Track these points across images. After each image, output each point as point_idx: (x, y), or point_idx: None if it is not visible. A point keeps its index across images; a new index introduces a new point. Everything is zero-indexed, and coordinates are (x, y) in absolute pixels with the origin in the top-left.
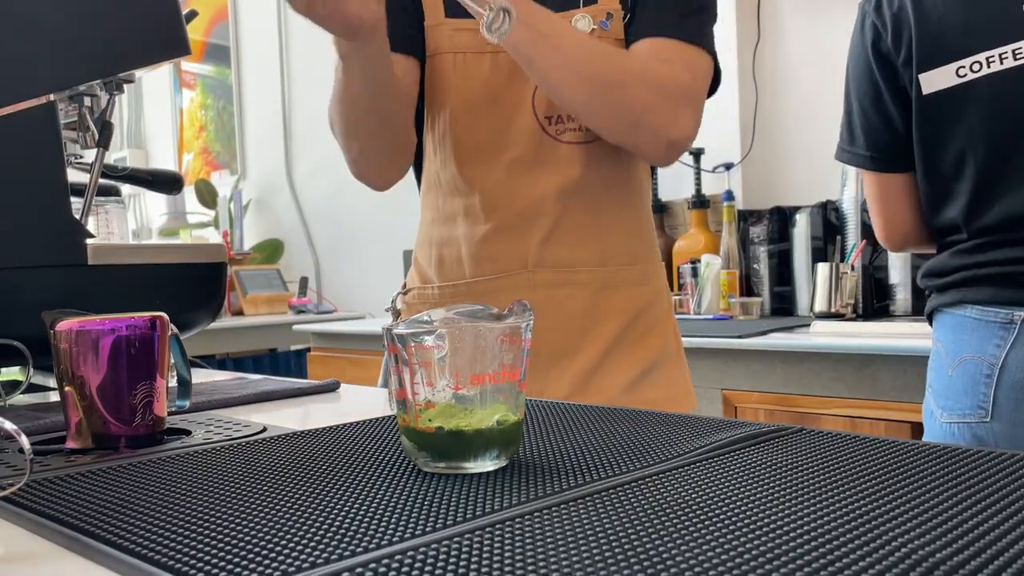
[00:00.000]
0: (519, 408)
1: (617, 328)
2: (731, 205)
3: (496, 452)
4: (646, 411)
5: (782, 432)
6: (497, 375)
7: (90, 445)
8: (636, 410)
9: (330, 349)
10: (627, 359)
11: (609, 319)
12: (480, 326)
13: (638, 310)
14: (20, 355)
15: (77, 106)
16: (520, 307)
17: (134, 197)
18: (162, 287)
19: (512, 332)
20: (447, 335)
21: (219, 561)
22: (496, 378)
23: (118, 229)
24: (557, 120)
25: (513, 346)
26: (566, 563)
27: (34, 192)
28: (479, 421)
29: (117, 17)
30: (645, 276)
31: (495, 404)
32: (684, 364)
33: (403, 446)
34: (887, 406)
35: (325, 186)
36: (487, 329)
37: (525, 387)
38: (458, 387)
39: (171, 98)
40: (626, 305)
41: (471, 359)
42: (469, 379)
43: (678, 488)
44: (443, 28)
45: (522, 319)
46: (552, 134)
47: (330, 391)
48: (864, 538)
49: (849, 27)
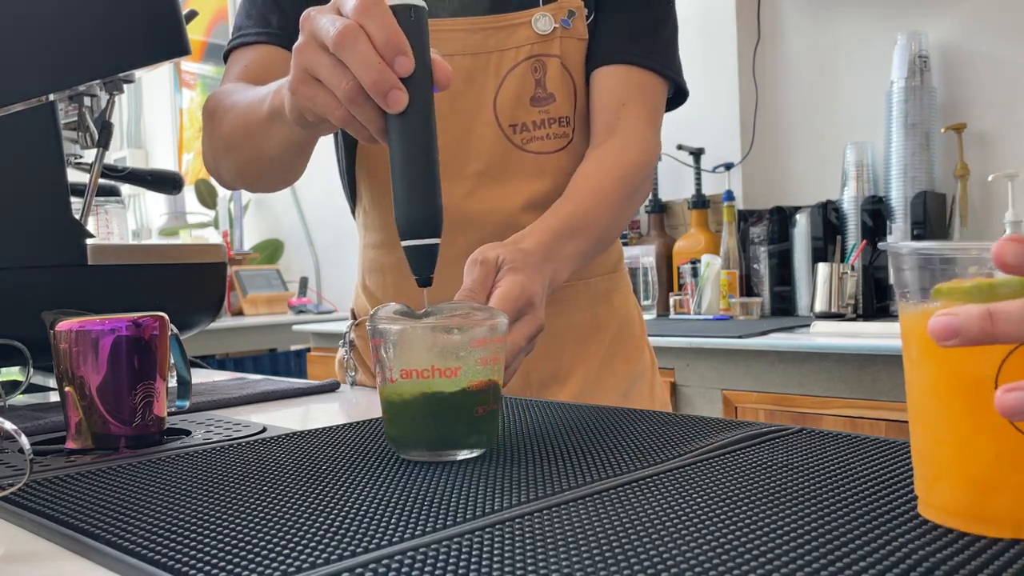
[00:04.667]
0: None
1: (605, 343)
2: (731, 205)
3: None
4: (646, 411)
5: (782, 432)
6: (424, 371)
7: (90, 445)
8: (636, 410)
9: (330, 349)
10: (617, 374)
11: (597, 334)
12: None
13: (622, 323)
14: (20, 355)
15: (77, 106)
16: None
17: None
18: (162, 287)
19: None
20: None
21: (219, 561)
22: (423, 374)
23: (118, 229)
24: (522, 128)
25: (444, 347)
26: (566, 563)
27: (34, 192)
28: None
29: (117, 17)
30: (623, 278)
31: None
32: (656, 371)
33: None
34: (887, 406)
35: (325, 186)
36: (412, 330)
37: (451, 373)
38: (392, 379)
39: (171, 98)
40: (608, 318)
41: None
42: (401, 374)
43: (678, 488)
44: None
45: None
46: (517, 143)
47: (330, 391)
48: (864, 538)
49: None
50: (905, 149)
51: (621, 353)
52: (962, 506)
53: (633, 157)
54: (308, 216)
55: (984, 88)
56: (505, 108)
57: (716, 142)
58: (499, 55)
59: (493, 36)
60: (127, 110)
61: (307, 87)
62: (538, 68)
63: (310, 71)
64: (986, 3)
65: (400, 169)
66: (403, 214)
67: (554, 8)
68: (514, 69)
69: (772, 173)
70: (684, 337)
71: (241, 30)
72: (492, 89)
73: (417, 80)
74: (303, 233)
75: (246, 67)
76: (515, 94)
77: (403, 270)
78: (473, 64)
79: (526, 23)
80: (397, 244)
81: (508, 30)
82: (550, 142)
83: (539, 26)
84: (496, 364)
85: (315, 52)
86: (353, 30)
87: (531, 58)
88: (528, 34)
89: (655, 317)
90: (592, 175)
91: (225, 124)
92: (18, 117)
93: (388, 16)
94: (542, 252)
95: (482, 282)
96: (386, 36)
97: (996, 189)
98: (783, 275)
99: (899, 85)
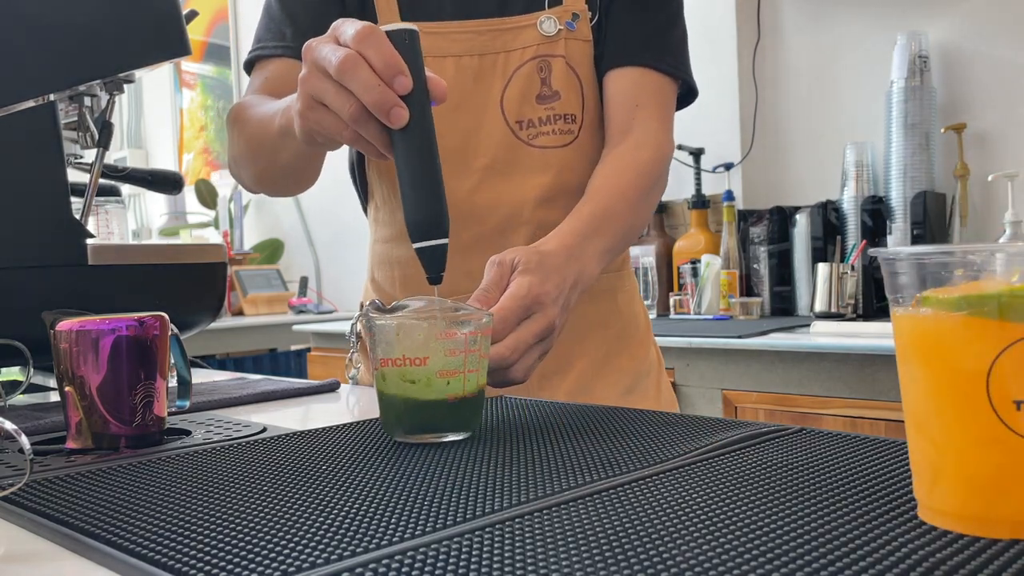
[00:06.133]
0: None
1: (607, 339)
2: (731, 205)
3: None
4: (646, 411)
5: (782, 432)
6: (396, 360)
7: (90, 445)
8: (636, 410)
9: (330, 349)
10: (618, 371)
11: (599, 331)
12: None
13: (627, 321)
14: (20, 355)
15: (77, 106)
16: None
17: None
18: (162, 287)
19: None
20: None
21: (219, 561)
22: (396, 362)
23: (118, 229)
24: (528, 124)
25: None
26: (566, 563)
27: (34, 192)
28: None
29: (117, 17)
30: (629, 278)
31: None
32: (663, 371)
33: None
34: (887, 406)
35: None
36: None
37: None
38: (376, 368)
39: (171, 98)
40: (611, 316)
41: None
42: (379, 363)
43: (678, 488)
44: None
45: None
46: (524, 139)
47: (330, 391)
48: (864, 538)
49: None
50: (905, 149)
51: (625, 351)
52: (961, 509)
53: (647, 156)
54: (308, 216)
55: (984, 88)
56: (512, 105)
57: (716, 142)
58: (505, 55)
59: (500, 38)
60: (127, 110)
61: (314, 112)
62: (543, 67)
63: (316, 98)
64: (986, 3)
65: (407, 178)
66: (412, 219)
67: (559, 11)
68: (520, 68)
69: (772, 173)
70: (684, 337)
71: (260, 42)
72: (499, 87)
73: (415, 97)
74: (303, 233)
75: (265, 80)
76: (521, 92)
77: (411, 263)
78: (480, 64)
79: (532, 25)
80: (406, 238)
81: (514, 32)
82: (555, 137)
83: (544, 28)
84: (470, 356)
85: (319, 80)
86: (352, 58)
87: (537, 58)
88: (534, 35)
89: (655, 317)
90: (609, 175)
91: (244, 135)
92: (18, 117)
93: (384, 42)
94: (565, 253)
95: (496, 282)
96: (384, 60)
97: (996, 189)
98: (783, 275)
99: (899, 85)
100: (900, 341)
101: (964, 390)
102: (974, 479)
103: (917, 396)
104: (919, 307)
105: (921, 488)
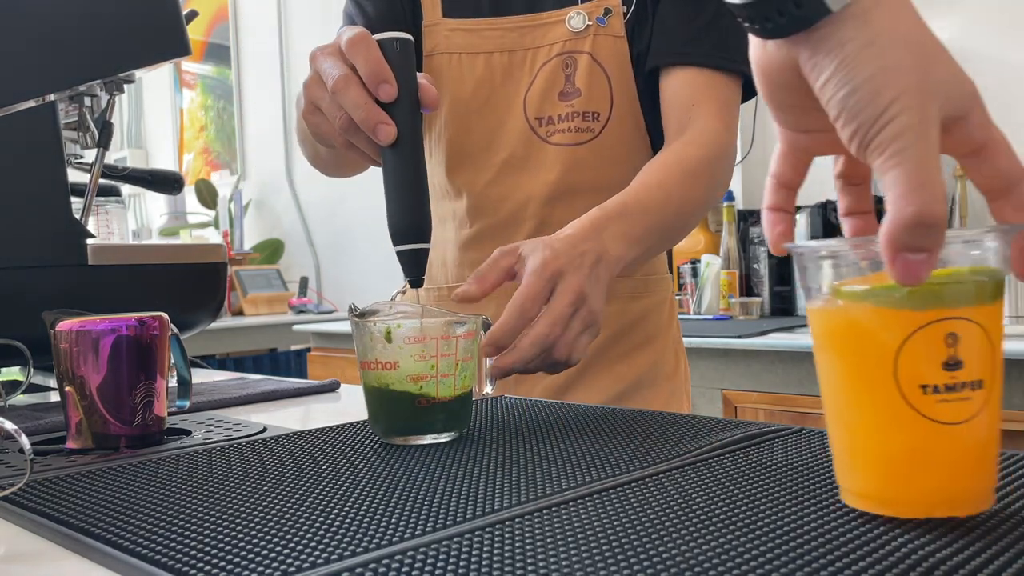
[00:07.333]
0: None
1: (599, 342)
2: (731, 205)
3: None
4: (646, 411)
5: (782, 432)
6: (371, 363)
7: (90, 445)
8: (636, 410)
9: (330, 349)
10: (605, 376)
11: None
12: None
13: (626, 324)
14: (20, 355)
15: (77, 106)
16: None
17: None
18: (162, 287)
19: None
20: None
21: (219, 561)
22: (371, 366)
23: (118, 229)
24: (547, 121)
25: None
26: (566, 563)
27: (34, 192)
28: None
29: (117, 17)
30: (645, 287)
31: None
32: (681, 386)
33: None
34: None
35: (325, 186)
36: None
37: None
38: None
39: (171, 98)
40: (610, 320)
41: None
42: (360, 365)
43: (678, 488)
44: (440, 28)
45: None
46: (542, 136)
47: (330, 391)
48: (864, 538)
49: None
50: None
51: (623, 355)
52: (877, 491)
53: (695, 152)
54: (308, 216)
55: (984, 88)
56: (534, 102)
57: None
58: (534, 52)
59: (529, 34)
60: (127, 110)
61: (314, 116)
62: (569, 64)
63: (315, 104)
64: (986, 3)
65: (392, 186)
66: (394, 223)
67: (590, 6)
68: (546, 64)
69: None
70: (684, 337)
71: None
72: (525, 84)
73: (403, 105)
74: (303, 233)
75: None
76: (544, 88)
77: (432, 248)
78: (511, 61)
79: (561, 21)
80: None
81: (544, 28)
82: (572, 135)
83: (573, 23)
84: (442, 361)
85: (318, 88)
86: (346, 77)
87: (563, 54)
88: (562, 31)
89: None
90: (648, 170)
91: (298, 122)
92: (18, 117)
93: (373, 50)
94: (580, 235)
95: (494, 262)
96: (370, 68)
97: None
98: (783, 275)
99: None
100: (814, 332)
101: (874, 377)
102: (890, 463)
103: (832, 385)
104: (830, 299)
105: (840, 472)
